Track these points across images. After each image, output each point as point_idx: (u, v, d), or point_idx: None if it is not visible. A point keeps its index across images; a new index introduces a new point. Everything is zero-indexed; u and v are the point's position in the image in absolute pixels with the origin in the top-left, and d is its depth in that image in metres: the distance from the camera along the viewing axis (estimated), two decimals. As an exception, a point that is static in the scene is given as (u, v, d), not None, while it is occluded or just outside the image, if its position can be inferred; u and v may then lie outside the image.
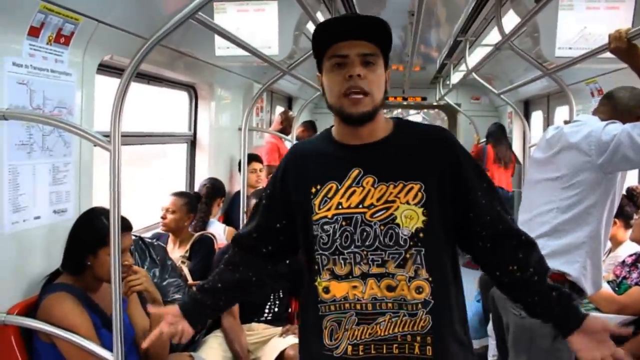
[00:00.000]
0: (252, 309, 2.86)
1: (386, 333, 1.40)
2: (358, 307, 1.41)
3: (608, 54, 2.11)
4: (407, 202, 1.39)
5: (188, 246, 3.11)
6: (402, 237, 1.39)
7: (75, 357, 1.87)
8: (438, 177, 1.42)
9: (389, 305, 1.40)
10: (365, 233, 1.40)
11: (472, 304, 3.96)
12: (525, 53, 3.22)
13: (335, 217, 1.42)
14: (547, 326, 2.13)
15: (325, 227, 1.43)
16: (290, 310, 3.03)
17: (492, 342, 3.30)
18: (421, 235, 1.39)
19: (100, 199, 2.35)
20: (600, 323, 1.44)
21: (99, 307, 2.04)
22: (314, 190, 1.46)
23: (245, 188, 3.50)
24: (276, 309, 2.86)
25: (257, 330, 2.84)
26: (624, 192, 3.13)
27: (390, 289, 1.40)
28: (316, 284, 1.46)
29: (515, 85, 4.78)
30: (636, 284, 2.76)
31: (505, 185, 6.21)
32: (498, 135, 6.35)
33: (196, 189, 4.03)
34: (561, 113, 5.48)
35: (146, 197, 3.85)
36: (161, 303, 2.19)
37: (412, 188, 1.40)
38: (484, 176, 1.51)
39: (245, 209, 3.08)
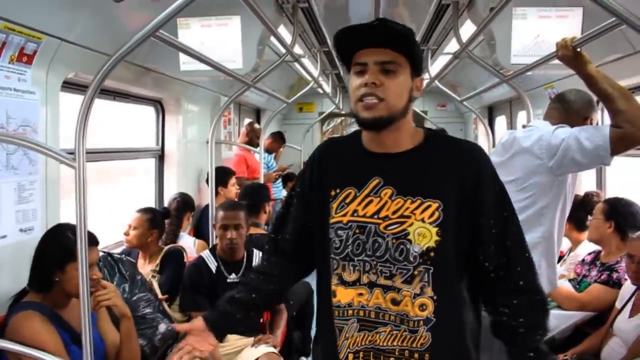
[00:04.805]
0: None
1: (385, 344, 1.40)
2: (361, 313, 1.42)
3: (561, 61, 2.17)
4: (422, 220, 1.37)
5: (158, 260, 3.11)
6: (412, 254, 1.37)
7: (45, 375, 1.86)
8: (459, 197, 1.39)
9: (392, 317, 1.40)
10: (377, 244, 1.40)
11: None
12: (482, 61, 3.31)
13: (349, 224, 1.42)
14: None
15: (339, 232, 1.43)
16: (262, 320, 3.05)
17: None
18: (432, 254, 1.37)
19: (68, 216, 2.34)
20: None
21: (68, 324, 2.03)
22: (333, 193, 1.47)
23: (214, 201, 3.52)
24: (248, 319, 2.87)
25: (230, 341, 2.84)
26: (581, 193, 3.24)
27: (394, 302, 1.39)
28: (326, 287, 1.48)
29: (476, 92, 4.89)
30: (595, 281, 2.83)
31: None
32: None
33: (165, 203, 4.04)
34: (522, 117, 5.64)
35: (115, 213, 3.83)
36: (130, 318, 2.18)
37: (429, 206, 1.38)
38: (505, 205, 1.45)
39: (214, 222, 3.10)
